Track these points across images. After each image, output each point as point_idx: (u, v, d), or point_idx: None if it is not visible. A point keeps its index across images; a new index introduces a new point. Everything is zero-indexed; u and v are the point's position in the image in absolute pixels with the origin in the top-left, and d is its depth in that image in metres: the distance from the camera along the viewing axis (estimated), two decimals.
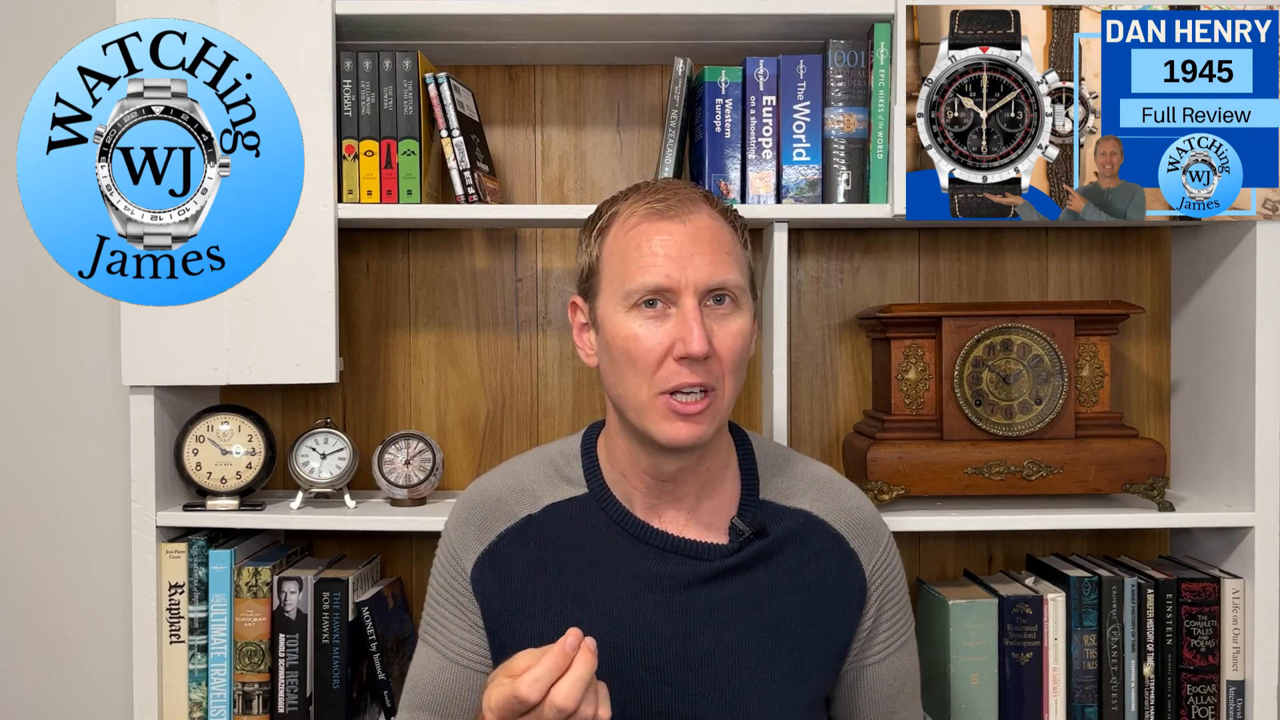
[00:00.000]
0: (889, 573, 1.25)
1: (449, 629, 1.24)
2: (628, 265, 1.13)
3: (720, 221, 1.16)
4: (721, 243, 1.14)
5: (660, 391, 1.11)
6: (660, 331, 1.11)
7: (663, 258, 1.11)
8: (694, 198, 1.16)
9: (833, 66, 1.69)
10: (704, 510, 1.21)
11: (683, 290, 1.11)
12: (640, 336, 1.11)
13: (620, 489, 1.22)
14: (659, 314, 1.12)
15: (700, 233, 1.13)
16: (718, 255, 1.12)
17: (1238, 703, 1.65)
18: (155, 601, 1.67)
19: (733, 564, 1.18)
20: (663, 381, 1.11)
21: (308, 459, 1.74)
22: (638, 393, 1.12)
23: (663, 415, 1.11)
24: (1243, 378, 1.68)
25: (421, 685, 1.25)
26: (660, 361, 1.11)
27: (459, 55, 1.85)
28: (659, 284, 1.11)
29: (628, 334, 1.12)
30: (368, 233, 1.90)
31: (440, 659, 1.24)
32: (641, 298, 1.11)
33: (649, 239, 1.12)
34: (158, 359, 1.64)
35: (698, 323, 1.09)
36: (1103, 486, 1.67)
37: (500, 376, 1.93)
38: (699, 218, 1.14)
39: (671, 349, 1.10)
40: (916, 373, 1.71)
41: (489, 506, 1.25)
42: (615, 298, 1.14)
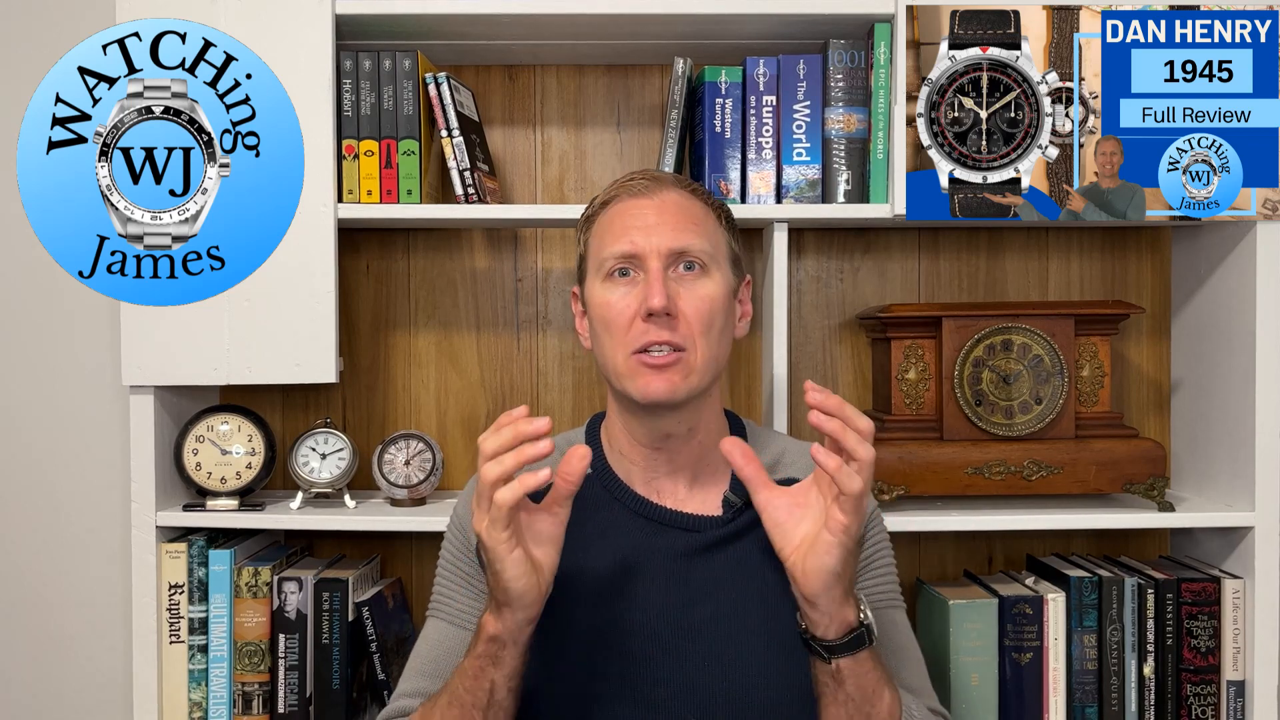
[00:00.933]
0: (876, 531, 1.30)
1: (457, 598, 1.27)
2: (603, 239, 1.23)
3: (690, 199, 1.25)
4: (688, 214, 1.23)
5: (633, 351, 1.19)
6: (631, 295, 1.20)
7: (632, 228, 1.21)
8: (665, 179, 1.26)
9: (833, 66, 1.69)
10: (700, 486, 1.26)
11: (648, 255, 1.20)
12: (612, 302, 1.20)
13: (620, 468, 1.27)
14: (630, 281, 1.21)
15: (666, 205, 1.22)
16: (681, 223, 1.21)
17: (1238, 703, 1.65)
18: (155, 601, 1.67)
19: (726, 533, 1.23)
20: (633, 341, 1.19)
21: (308, 459, 1.74)
22: (615, 356, 1.20)
23: (636, 372, 1.19)
24: (1243, 378, 1.68)
25: (427, 656, 1.26)
26: (630, 323, 1.19)
27: (459, 55, 1.85)
28: (626, 250, 1.20)
29: (602, 301, 1.21)
30: (368, 233, 1.90)
31: (447, 626, 1.26)
32: (614, 267, 1.21)
33: (621, 216, 1.23)
34: (158, 359, 1.64)
35: (658, 280, 1.18)
36: (1103, 486, 1.67)
37: (500, 376, 1.93)
38: (667, 194, 1.24)
39: (640, 310, 1.19)
40: (916, 373, 1.71)
41: None
42: (595, 273, 1.24)
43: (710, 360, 1.20)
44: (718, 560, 1.21)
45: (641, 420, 1.23)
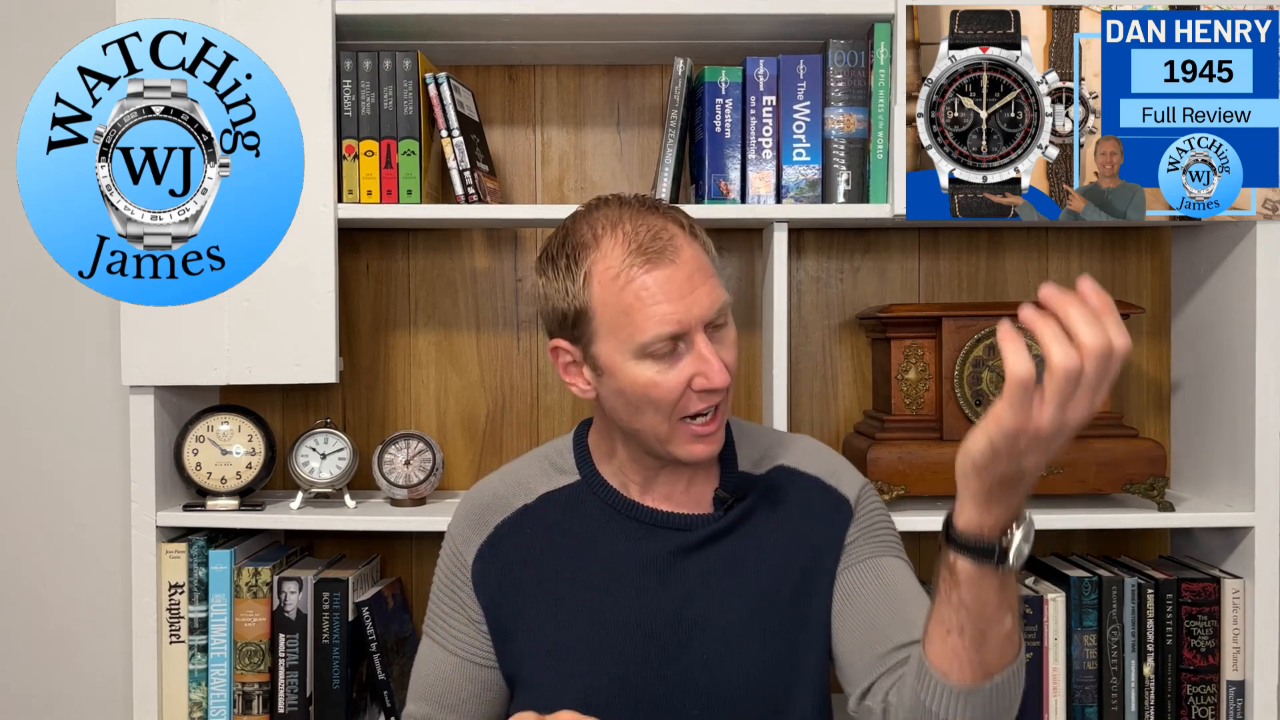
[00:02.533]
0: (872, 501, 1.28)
1: (450, 624, 1.27)
2: (634, 319, 1.14)
3: (696, 243, 1.18)
4: (707, 268, 1.17)
5: (680, 418, 1.16)
6: (676, 371, 1.15)
7: (667, 306, 1.13)
8: (670, 230, 1.16)
9: (833, 66, 1.69)
10: (693, 488, 1.26)
11: (693, 329, 1.14)
12: (659, 383, 1.14)
13: (615, 478, 1.27)
14: (671, 355, 1.15)
15: (691, 266, 1.15)
16: (709, 284, 1.16)
17: (1238, 703, 1.65)
18: (155, 601, 1.67)
19: (718, 529, 1.22)
20: (684, 410, 1.16)
21: (308, 459, 1.74)
22: (658, 427, 1.17)
23: (685, 440, 1.17)
24: (1243, 378, 1.68)
25: (425, 677, 1.29)
26: (681, 397, 1.15)
27: (459, 55, 1.85)
28: (672, 332, 1.13)
29: (646, 381, 1.15)
30: (368, 233, 1.90)
31: (442, 651, 1.27)
32: (658, 349, 1.14)
33: (649, 290, 1.13)
34: (158, 359, 1.64)
35: (715, 357, 1.14)
36: (1103, 486, 1.67)
37: (500, 376, 1.93)
38: (685, 252, 1.15)
39: (690, 383, 1.15)
40: (916, 373, 1.71)
41: (486, 502, 1.29)
42: (623, 348, 1.15)
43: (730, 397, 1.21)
44: (711, 555, 1.22)
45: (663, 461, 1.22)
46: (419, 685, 1.29)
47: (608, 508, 1.25)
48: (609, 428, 1.25)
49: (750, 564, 1.22)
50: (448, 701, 1.26)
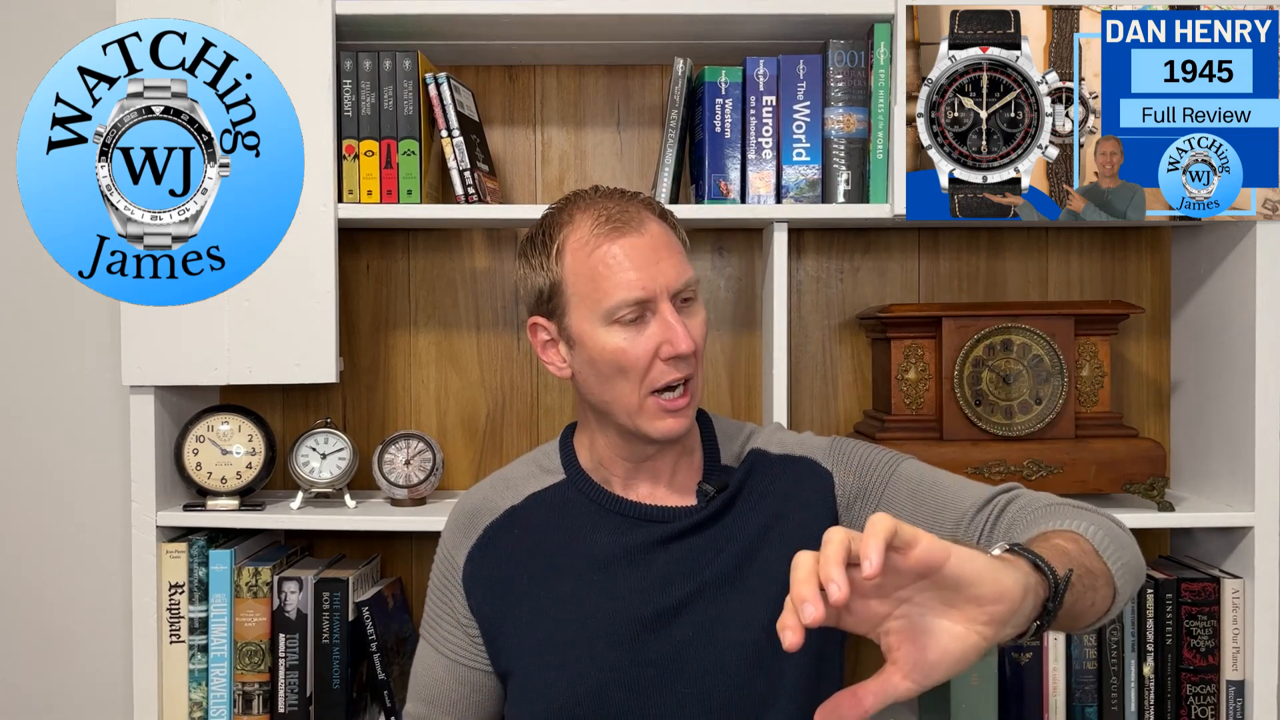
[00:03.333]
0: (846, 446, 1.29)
1: (441, 627, 1.31)
2: (600, 284, 1.19)
3: (662, 224, 1.24)
4: (675, 245, 1.22)
5: (650, 392, 1.19)
6: (644, 338, 1.18)
7: (634, 272, 1.18)
8: (638, 206, 1.23)
9: (833, 66, 1.69)
10: (676, 483, 1.28)
11: (658, 296, 1.18)
12: (627, 348, 1.18)
13: (599, 474, 1.29)
14: (638, 323, 1.19)
15: (657, 239, 1.20)
16: (675, 257, 1.21)
17: (1237, 703, 1.65)
18: (155, 601, 1.67)
19: (701, 519, 1.25)
20: (653, 382, 1.19)
21: (308, 459, 1.74)
22: (628, 398, 1.20)
23: (654, 415, 1.20)
24: (1243, 378, 1.68)
25: (420, 677, 1.33)
26: (649, 365, 1.18)
27: (459, 55, 1.85)
28: (640, 297, 1.18)
29: (614, 347, 1.19)
30: (368, 233, 1.90)
31: (434, 653, 1.32)
32: (627, 314, 1.18)
33: (614, 256, 1.19)
34: (158, 359, 1.64)
35: (680, 323, 1.18)
36: (1103, 486, 1.67)
37: (500, 376, 1.93)
38: (649, 224, 1.21)
39: (658, 351, 1.18)
40: (916, 373, 1.71)
41: (476, 506, 1.33)
42: (591, 316, 1.20)
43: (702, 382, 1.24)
44: (693, 543, 1.24)
45: (634, 444, 1.25)
46: (416, 685, 1.33)
47: (592, 504, 1.28)
48: (589, 418, 1.29)
49: (732, 547, 1.23)
50: (441, 702, 1.31)
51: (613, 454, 1.28)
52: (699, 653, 1.19)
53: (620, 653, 1.20)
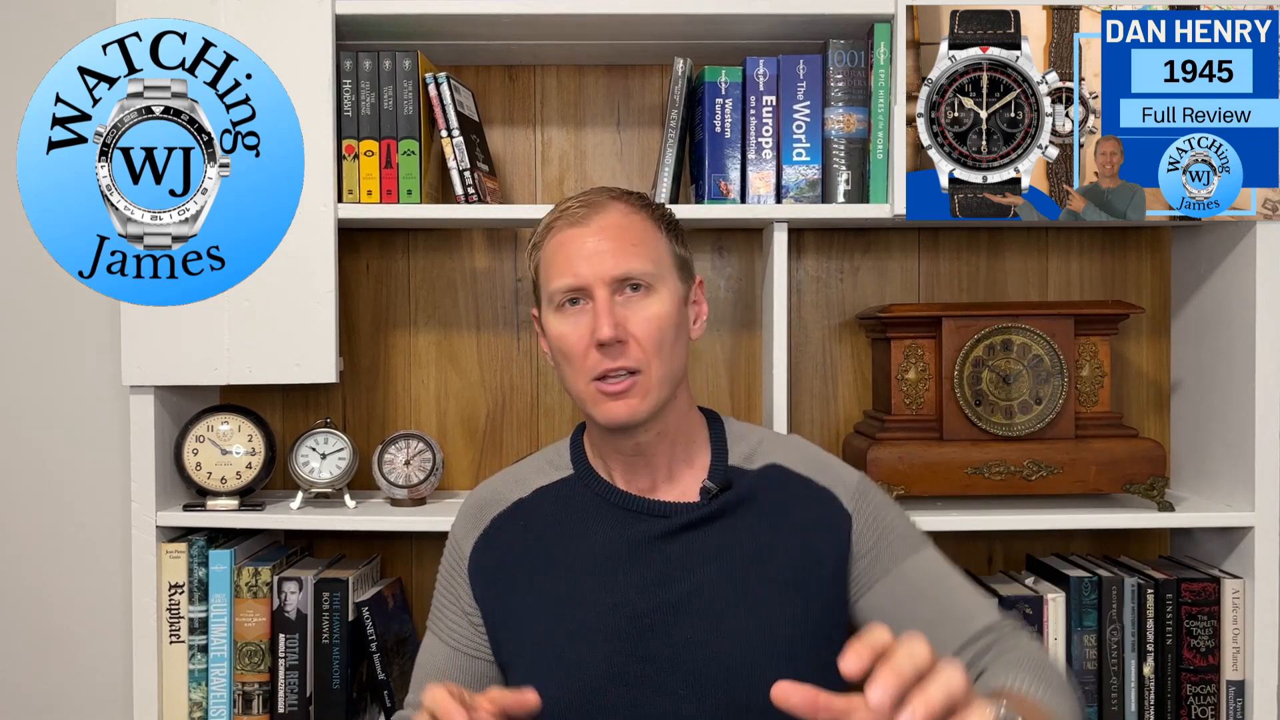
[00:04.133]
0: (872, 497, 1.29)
1: (446, 616, 1.32)
2: (550, 272, 1.25)
3: (630, 215, 1.25)
4: (627, 235, 1.23)
5: (591, 379, 1.22)
6: (582, 325, 1.22)
7: (575, 259, 1.22)
8: (603, 199, 1.26)
9: (833, 66, 1.69)
10: (678, 479, 1.29)
11: (593, 284, 1.21)
12: (565, 333, 1.23)
13: (603, 469, 1.31)
14: (580, 310, 1.23)
15: (605, 230, 1.23)
16: (621, 247, 1.22)
17: (1237, 703, 1.65)
18: (155, 601, 1.67)
19: (703, 515, 1.25)
20: (590, 370, 1.22)
21: (308, 459, 1.74)
22: (576, 383, 1.24)
23: (597, 399, 1.22)
24: (1243, 378, 1.68)
25: (423, 666, 1.34)
26: (586, 352, 1.22)
27: (459, 55, 1.85)
28: (571, 284, 1.22)
29: (558, 333, 1.24)
30: (368, 233, 1.90)
31: (439, 643, 1.32)
32: (563, 299, 1.23)
33: (563, 246, 1.24)
34: (158, 359, 1.64)
35: (605, 312, 1.20)
36: (1103, 486, 1.67)
37: (500, 376, 1.93)
38: (605, 216, 1.24)
39: (592, 339, 1.21)
40: (916, 373, 1.71)
41: (486, 498, 1.34)
42: (546, 304, 1.26)
43: (666, 375, 1.23)
44: (695, 539, 1.24)
45: (611, 436, 1.27)
46: (418, 674, 1.34)
47: (596, 498, 1.29)
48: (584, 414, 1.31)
49: (734, 550, 1.23)
50: None
51: (605, 447, 1.29)
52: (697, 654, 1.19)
53: (618, 647, 1.20)
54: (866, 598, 1.25)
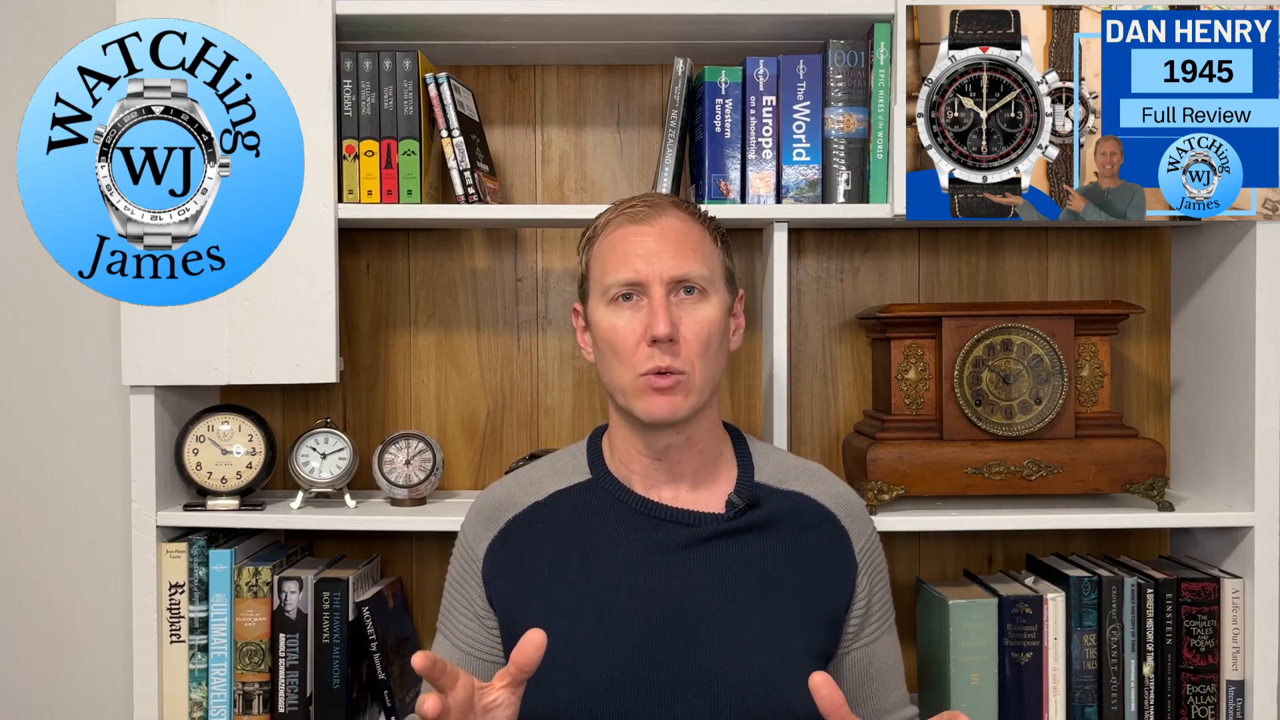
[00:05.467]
0: (876, 556, 1.34)
1: (457, 618, 1.32)
2: (605, 266, 1.27)
3: (689, 223, 1.28)
4: (687, 240, 1.26)
5: (640, 374, 1.23)
6: (636, 320, 1.24)
7: (634, 256, 1.25)
8: (664, 203, 1.29)
9: (833, 66, 1.69)
10: (700, 490, 1.30)
11: (651, 282, 1.23)
12: (618, 327, 1.24)
13: (622, 474, 1.31)
14: (634, 306, 1.25)
15: (666, 232, 1.26)
16: (682, 250, 1.25)
17: (1237, 702, 1.65)
18: (155, 601, 1.67)
19: (728, 529, 1.27)
20: (639, 364, 1.23)
21: (308, 459, 1.74)
22: (622, 377, 1.25)
23: (643, 393, 1.24)
24: (1243, 378, 1.68)
25: None
26: (636, 346, 1.23)
27: (459, 55, 1.85)
28: (629, 278, 1.24)
29: (609, 326, 1.25)
30: (368, 233, 1.90)
31: (449, 645, 1.32)
32: (618, 292, 1.25)
33: (624, 241, 1.26)
34: (158, 359, 1.64)
35: (663, 309, 1.22)
36: (1103, 486, 1.67)
37: (500, 376, 1.93)
38: (666, 219, 1.27)
39: (645, 335, 1.23)
40: (916, 373, 1.71)
41: (499, 500, 1.34)
42: (599, 296, 1.27)
43: (708, 379, 1.26)
44: (716, 551, 1.25)
45: (643, 434, 1.28)
46: None
47: (617, 503, 1.29)
48: (611, 410, 1.32)
49: (755, 566, 1.25)
50: None
51: (629, 449, 1.30)
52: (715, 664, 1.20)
53: (635, 652, 1.20)
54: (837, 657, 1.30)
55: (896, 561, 1.89)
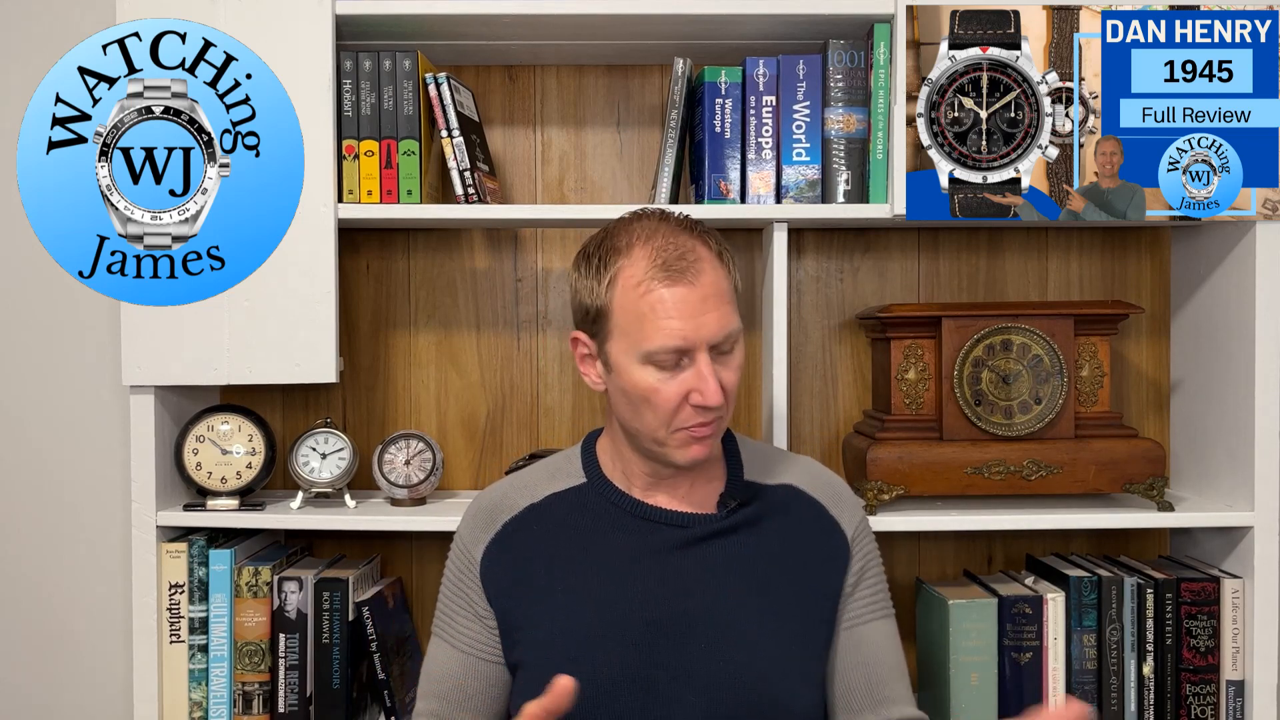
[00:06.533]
0: (868, 541, 1.34)
1: (457, 621, 1.31)
2: (644, 327, 1.20)
3: (718, 269, 1.23)
4: (724, 294, 1.22)
5: (680, 429, 1.22)
6: (676, 383, 1.20)
7: (677, 321, 1.19)
8: (699, 252, 1.22)
9: (833, 66, 1.69)
10: (695, 492, 1.31)
11: (697, 348, 1.20)
12: (659, 389, 1.21)
13: (617, 479, 1.32)
14: (674, 367, 1.21)
15: (708, 291, 1.20)
16: (723, 309, 1.21)
17: (1237, 702, 1.65)
18: (155, 601, 1.67)
19: (721, 528, 1.27)
20: (680, 423, 1.22)
21: (308, 459, 1.74)
22: (656, 431, 1.23)
23: (681, 445, 1.23)
24: (1243, 378, 1.68)
25: (434, 675, 1.32)
26: (678, 408, 1.21)
27: (459, 55, 1.85)
28: (678, 346, 1.19)
29: (647, 386, 1.21)
30: (368, 233, 1.90)
31: (450, 649, 1.31)
32: (662, 359, 1.20)
33: (664, 303, 1.19)
34: (158, 359, 1.64)
35: (713, 377, 1.20)
36: (1103, 486, 1.67)
37: (500, 376, 1.93)
38: (706, 275, 1.21)
39: (688, 397, 1.20)
40: (916, 373, 1.71)
41: (495, 503, 1.34)
42: (630, 350, 1.22)
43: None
44: (711, 551, 1.26)
45: (659, 464, 1.28)
46: (429, 683, 1.32)
47: (612, 506, 1.30)
48: (616, 429, 1.31)
49: (749, 564, 1.26)
50: (455, 698, 1.29)
51: (631, 464, 1.30)
52: (711, 665, 1.21)
53: (632, 653, 1.21)
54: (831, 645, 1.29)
55: (896, 561, 1.89)
